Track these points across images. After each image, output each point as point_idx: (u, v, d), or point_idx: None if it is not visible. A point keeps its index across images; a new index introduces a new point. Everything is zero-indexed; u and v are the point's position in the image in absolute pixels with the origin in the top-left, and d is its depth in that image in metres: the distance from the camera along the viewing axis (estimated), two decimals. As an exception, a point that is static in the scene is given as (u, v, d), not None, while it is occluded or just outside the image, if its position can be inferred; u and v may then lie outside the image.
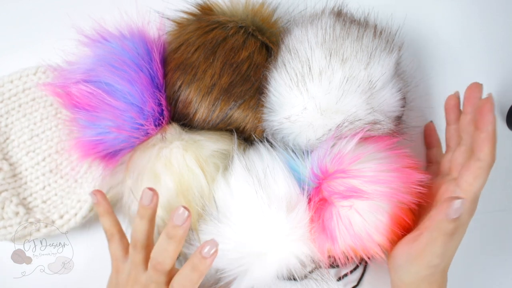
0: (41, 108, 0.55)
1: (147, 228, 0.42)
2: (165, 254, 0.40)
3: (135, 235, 0.42)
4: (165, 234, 0.39)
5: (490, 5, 0.60)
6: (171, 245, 0.39)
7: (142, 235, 0.42)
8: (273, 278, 0.45)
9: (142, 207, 0.41)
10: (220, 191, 0.46)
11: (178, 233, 0.39)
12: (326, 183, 0.44)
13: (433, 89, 0.57)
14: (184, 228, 0.39)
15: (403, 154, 0.46)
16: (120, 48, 0.48)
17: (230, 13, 0.52)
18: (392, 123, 0.47)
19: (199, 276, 0.39)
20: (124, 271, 0.44)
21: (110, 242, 0.45)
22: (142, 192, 0.41)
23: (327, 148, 0.45)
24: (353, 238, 0.43)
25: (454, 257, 0.44)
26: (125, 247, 0.45)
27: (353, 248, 0.44)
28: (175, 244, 0.39)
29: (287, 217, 0.43)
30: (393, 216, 0.44)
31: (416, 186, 0.44)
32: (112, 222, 0.46)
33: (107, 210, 0.46)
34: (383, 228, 0.44)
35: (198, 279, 0.39)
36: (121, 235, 0.46)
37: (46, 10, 0.60)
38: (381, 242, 0.44)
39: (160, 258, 0.40)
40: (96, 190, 0.46)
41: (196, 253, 0.39)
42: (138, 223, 0.42)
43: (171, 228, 0.39)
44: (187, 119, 0.50)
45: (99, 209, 0.46)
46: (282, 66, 0.47)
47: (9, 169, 0.52)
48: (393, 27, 0.50)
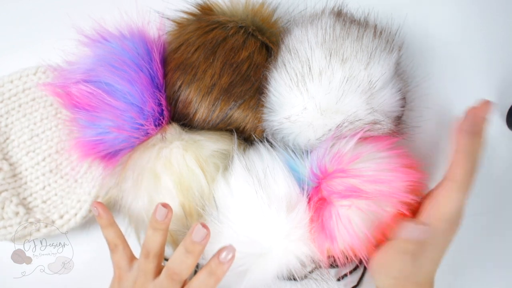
0: (41, 108, 0.55)
1: (160, 240, 0.42)
2: (183, 266, 0.41)
3: (148, 246, 0.42)
4: (183, 248, 0.40)
5: (490, 5, 0.60)
6: (190, 258, 0.40)
7: (155, 246, 0.42)
8: (273, 278, 0.45)
9: (156, 221, 0.42)
10: (220, 191, 0.46)
11: (197, 249, 0.40)
12: (325, 182, 0.44)
13: (433, 89, 0.57)
14: (203, 244, 0.40)
15: (403, 154, 0.46)
16: (120, 48, 0.48)
17: (230, 13, 0.52)
18: (392, 123, 0.47)
19: (215, 281, 0.40)
20: (128, 279, 0.44)
21: (114, 252, 0.45)
22: (156, 207, 0.41)
23: (327, 148, 0.45)
24: (352, 238, 0.43)
25: (454, 257, 0.43)
26: (129, 257, 0.45)
27: (353, 248, 0.44)
28: (194, 258, 0.40)
29: (287, 217, 0.43)
30: (392, 215, 0.44)
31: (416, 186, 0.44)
32: (115, 234, 0.46)
33: (109, 221, 0.46)
34: (382, 227, 0.44)
35: (214, 284, 0.40)
36: (124, 245, 0.46)
37: (46, 10, 0.60)
38: (381, 241, 0.44)
39: (177, 269, 0.41)
40: (96, 203, 0.46)
41: (214, 258, 0.40)
42: (151, 235, 0.42)
43: (190, 244, 0.40)
44: (187, 119, 0.50)
45: (101, 221, 0.46)
46: (282, 66, 0.47)
47: (9, 169, 0.52)
48: (393, 27, 0.50)
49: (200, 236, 0.39)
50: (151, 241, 0.42)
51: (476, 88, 0.58)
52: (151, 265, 0.42)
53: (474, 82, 0.58)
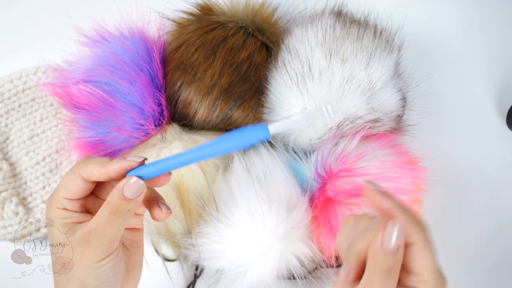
0: (41, 108, 0.55)
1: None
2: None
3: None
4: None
5: (490, 5, 0.60)
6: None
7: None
8: (273, 278, 0.45)
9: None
10: (220, 191, 0.46)
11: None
12: (330, 182, 0.44)
13: (433, 89, 0.57)
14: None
15: (405, 151, 0.46)
16: (120, 48, 0.48)
17: (230, 13, 0.52)
18: (392, 122, 0.47)
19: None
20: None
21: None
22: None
23: (331, 148, 0.45)
24: None
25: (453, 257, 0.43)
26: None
27: None
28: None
29: (287, 217, 0.43)
30: None
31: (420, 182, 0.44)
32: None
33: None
34: None
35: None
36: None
37: (46, 10, 0.60)
38: None
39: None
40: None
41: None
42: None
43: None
44: (187, 119, 0.49)
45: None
46: (282, 66, 0.47)
47: (9, 169, 0.52)
48: (393, 27, 0.50)
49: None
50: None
51: (476, 88, 0.58)
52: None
53: (474, 82, 0.58)
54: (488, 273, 0.54)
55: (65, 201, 0.35)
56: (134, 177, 0.34)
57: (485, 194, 0.54)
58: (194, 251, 0.46)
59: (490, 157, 0.55)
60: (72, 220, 0.35)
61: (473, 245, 0.53)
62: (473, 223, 0.53)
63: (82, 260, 0.34)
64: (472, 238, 0.53)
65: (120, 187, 0.33)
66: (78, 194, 0.35)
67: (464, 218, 0.54)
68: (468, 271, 0.54)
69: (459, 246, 0.53)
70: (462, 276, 0.53)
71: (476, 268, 0.54)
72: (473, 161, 0.55)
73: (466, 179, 0.55)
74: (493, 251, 0.54)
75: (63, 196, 0.35)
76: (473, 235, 0.54)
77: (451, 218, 0.53)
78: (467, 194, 0.54)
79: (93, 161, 0.35)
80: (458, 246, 0.53)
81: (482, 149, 0.56)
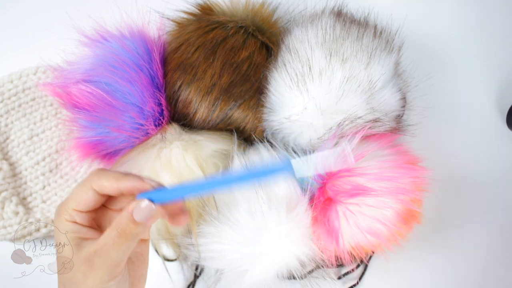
0: (41, 108, 0.55)
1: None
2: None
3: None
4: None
5: (490, 5, 0.60)
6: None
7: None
8: (273, 278, 0.45)
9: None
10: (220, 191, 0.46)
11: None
12: (330, 182, 0.44)
13: (433, 89, 0.57)
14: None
15: (405, 151, 0.46)
16: (120, 48, 0.48)
17: (230, 13, 0.52)
18: (392, 122, 0.47)
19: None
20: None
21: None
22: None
23: (330, 148, 0.45)
24: (360, 236, 0.44)
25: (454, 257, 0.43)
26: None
27: (360, 246, 0.45)
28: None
29: (287, 217, 0.43)
30: (399, 212, 0.44)
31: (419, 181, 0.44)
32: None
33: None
34: (389, 224, 0.44)
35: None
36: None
37: (46, 10, 0.60)
38: (388, 238, 0.44)
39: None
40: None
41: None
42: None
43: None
44: (187, 119, 0.49)
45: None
46: (282, 66, 0.47)
47: (9, 169, 0.52)
48: (393, 27, 0.50)
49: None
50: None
51: (476, 88, 0.58)
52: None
53: (474, 82, 0.58)
54: (488, 273, 0.53)
55: (75, 213, 0.34)
56: (145, 200, 0.32)
57: (485, 194, 0.54)
58: (194, 251, 0.46)
59: (490, 157, 0.55)
60: (80, 235, 0.34)
61: (473, 245, 0.53)
62: (473, 223, 0.53)
63: (85, 281, 0.33)
64: (472, 238, 0.53)
65: (130, 210, 0.32)
66: (88, 206, 0.34)
67: (464, 218, 0.54)
68: (468, 271, 0.54)
69: (459, 246, 0.53)
70: (462, 276, 0.53)
71: (476, 268, 0.54)
72: (473, 161, 0.55)
73: (466, 179, 0.55)
74: (493, 251, 0.54)
75: (73, 208, 0.34)
76: (473, 235, 0.54)
77: (451, 218, 0.53)
78: (467, 194, 0.54)
79: (106, 174, 0.33)
80: (458, 246, 0.53)
81: (482, 149, 0.56)
